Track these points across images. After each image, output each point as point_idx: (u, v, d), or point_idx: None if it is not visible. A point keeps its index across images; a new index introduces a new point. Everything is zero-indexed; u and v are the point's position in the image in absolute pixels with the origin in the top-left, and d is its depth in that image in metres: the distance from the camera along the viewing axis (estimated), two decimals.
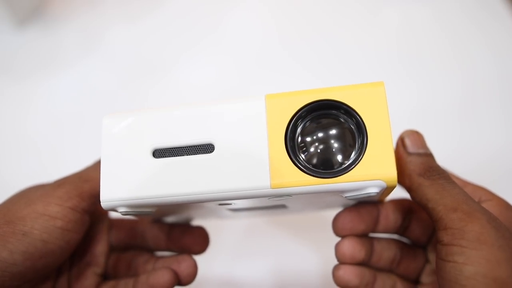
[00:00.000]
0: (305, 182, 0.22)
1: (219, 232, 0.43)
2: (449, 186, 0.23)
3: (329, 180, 0.22)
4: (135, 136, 0.24)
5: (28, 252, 0.24)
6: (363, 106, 0.22)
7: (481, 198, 0.26)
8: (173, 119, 0.24)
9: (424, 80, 0.51)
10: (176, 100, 0.52)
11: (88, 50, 0.56)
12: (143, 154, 0.24)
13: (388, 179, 0.21)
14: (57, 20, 0.58)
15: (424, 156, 0.25)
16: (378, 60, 0.52)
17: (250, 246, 0.43)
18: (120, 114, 0.25)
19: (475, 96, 0.49)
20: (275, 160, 0.22)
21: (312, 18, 0.56)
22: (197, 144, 0.23)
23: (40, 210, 0.25)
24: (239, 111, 0.23)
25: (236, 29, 0.56)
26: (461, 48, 0.52)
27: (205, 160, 0.23)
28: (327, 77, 0.51)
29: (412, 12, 0.55)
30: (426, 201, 0.23)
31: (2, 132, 0.51)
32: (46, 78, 0.54)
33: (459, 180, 0.28)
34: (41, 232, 0.24)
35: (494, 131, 0.47)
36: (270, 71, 0.53)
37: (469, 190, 0.26)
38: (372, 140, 0.22)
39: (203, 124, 0.23)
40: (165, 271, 0.27)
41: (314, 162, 0.22)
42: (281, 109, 0.23)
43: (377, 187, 0.21)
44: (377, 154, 0.21)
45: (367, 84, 0.23)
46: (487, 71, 0.50)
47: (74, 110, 0.52)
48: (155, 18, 0.57)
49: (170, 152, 0.24)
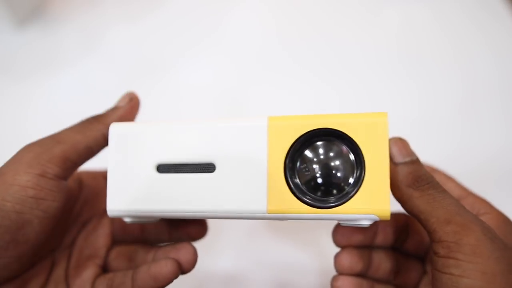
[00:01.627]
0: (300, 211, 0.22)
1: (223, 229, 0.42)
2: (440, 196, 0.23)
3: (324, 211, 0.22)
4: (141, 149, 0.25)
5: (3, 225, 0.23)
6: (364, 138, 0.22)
7: (480, 211, 0.26)
8: (178, 135, 0.24)
9: (424, 80, 0.50)
10: (176, 100, 0.52)
11: (88, 50, 0.56)
12: (148, 168, 0.25)
13: (381, 214, 0.21)
14: (57, 20, 0.58)
15: (411, 165, 0.24)
16: (378, 60, 0.52)
17: (254, 243, 0.43)
18: (128, 124, 0.26)
19: (475, 96, 0.49)
20: (273, 185, 0.22)
21: (312, 18, 0.56)
22: (199, 163, 0.24)
23: (9, 180, 0.24)
24: (241, 132, 0.23)
25: (236, 29, 0.56)
26: (461, 48, 0.52)
27: (206, 180, 0.23)
28: (327, 77, 0.51)
29: (413, 12, 0.55)
30: (419, 212, 0.23)
31: (2, 132, 0.51)
32: (46, 78, 0.54)
33: (461, 190, 0.28)
34: (14, 203, 0.23)
35: (494, 131, 0.47)
36: (270, 71, 0.52)
37: (469, 201, 0.27)
38: (369, 173, 0.22)
39: (206, 142, 0.24)
40: (168, 261, 0.26)
41: (312, 189, 0.23)
42: (283, 134, 0.23)
43: (370, 220, 0.22)
44: (372, 188, 0.22)
45: (371, 114, 0.23)
46: (487, 71, 0.50)
47: (74, 110, 0.52)
48: (155, 18, 0.57)
49: (173, 168, 0.24)
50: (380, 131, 0.22)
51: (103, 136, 0.27)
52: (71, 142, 0.26)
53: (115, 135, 0.25)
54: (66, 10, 0.58)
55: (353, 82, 0.51)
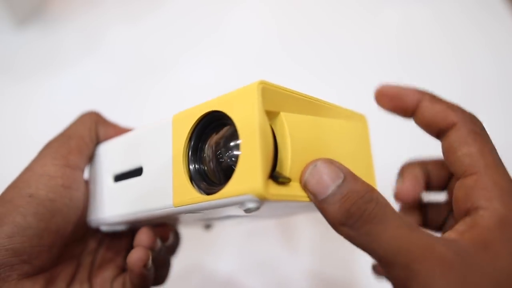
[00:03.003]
0: (194, 200, 0.21)
1: (224, 229, 0.43)
2: (376, 230, 0.19)
3: (209, 197, 0.20)
4: (106, 162, 0.28)
5: (39, 213, 0.24)
6: (240, 115, 0.20)
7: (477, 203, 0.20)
8: (123, 146, 0.27)
9: (424, 80, 0.51)
10: (176, 100, 0.52)
11: (88, 50, 0.56)
12: (109, 179, 0.27)
13: (255, 192, 0.18)
14: (57, 20, 0.58)
15: (333, 197, 0.19)
16: (377, 60, 0.52)
17: (254, 246, 0.43)
18: (106, 142, 0.29)
19: (474, 96, 0.49)
20: (177, 179, 0.22)
21: (312, 19, 0.56)
22: (134, 168, 0.26)
23: (39, 171, 0.25)
24: (154, 134, 0.24)
25: (236, 29, 0.56)
26: (461, 48, 0.52)
27: (138, 182, 0.25)
28: (328, 77, 0.51)
29: (412, 12, 0.55)
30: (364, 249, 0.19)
31: (2, 132, 0.51)
32: (46, 78, 0.54)
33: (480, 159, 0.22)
34: (47, 191, 0.25)
35: (494, 131, 0.47)
36: (270, 72, 0.53)
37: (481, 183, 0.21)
38: (244, 151, 0.19)
39: (136, 149, 0.26)
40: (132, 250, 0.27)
41: (207, 176, 0.22)
42: (182, 127, 0.23)
43: (252, 201, 0.19)
44: (247, 166, 0.19)
45: (244, 87, 0.20)
46: (486, 71, 0.50)
47: (74, 110, 0.52)
48: (155, 18, 0.57)
49: (122, 176, 0.26)
50: (250, 104, 0.19)
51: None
52: (80, 135, 0.28)
53: (96, 152, 0.29)
54: (66, 10, 0.58)
55: (353, 82, 0.51)
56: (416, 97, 0.25)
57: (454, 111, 0.23)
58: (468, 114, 0.23)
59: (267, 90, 0.19)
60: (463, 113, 0.23)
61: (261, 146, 0.18)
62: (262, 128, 0.19)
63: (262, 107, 0.19)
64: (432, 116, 0.23)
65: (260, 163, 0.18)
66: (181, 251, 0.33)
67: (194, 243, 0.37)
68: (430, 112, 0.24)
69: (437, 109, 0.23)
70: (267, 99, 0.19)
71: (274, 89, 0.20)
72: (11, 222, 0.23)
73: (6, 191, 0.25)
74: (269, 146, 0.19)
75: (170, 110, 0.53)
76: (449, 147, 0.22)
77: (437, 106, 0.24)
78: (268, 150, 0.19)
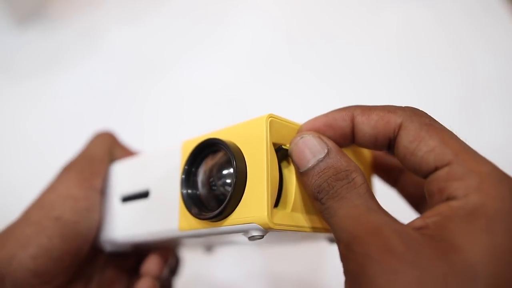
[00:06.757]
0: (200, 225, 0.21)
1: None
2: (335, 206, 0.19)
3: (215, 224, 0.21)
4: (115, 183, 0.28)
5: (64, 235, 0.24)
6: (246, 145, 0.20)
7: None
8: (132, 168, 0.27)
9: (423, 80, 0.51)
10: (176, 100, 0.52)
11: (89, 51, 0.56)
12: (117, 200, 0.27)
13: (259, 221, 0.19)
14: (58, 20, 0.58)
15: (315, 171, 0.19)
16: (378, 61, 0.52)
17: (255, 252, 0.43)
18: (117, 163, 0.29)
19: (474, 96, 0.49)
20: (183, 204, 0.22)
21: (312, 19, 0.56)
22: (141, 191, 0.26)
23: (64, 193, 0.26)
24: (164, 158, 0.25)
25: (236, 29, 0.56)
26: (461, 49, 0.52)
27: (145, 204, 0.25)
28: (327, 77, 0.52)
29: (412, 13, 0.55)
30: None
31: (2, 132, 0.51)
32: (46, 78, 0.54)
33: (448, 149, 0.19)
34: (71, 214, 0.25)
35: (493, 131, 0.47)
36: (271, 71, 0.53)
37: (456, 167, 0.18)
38: (251, 181, 0.20)
39: (145, 171, 0.26)
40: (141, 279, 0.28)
41: (208, 206, 0.22)
42: (187, 153, 0.23)
43: (257, 230, 0.19)
44: (253, 196, 0.20)
45: (252, 120, 0.21)
46: (487, 71, 0.50)
47: (74, 110, 0.52)
48: (155, 19, 0.57)
49: (130, 197, 0.27)
50: (258, 136, 0.20)
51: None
52: (99, 157, 0.28)
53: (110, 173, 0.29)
54: (67, 10, 0.58)
55: (353, 82, 0.51)
56: (346, 116, 0.21)
57: (393, 112, 0.20)
58: (409, 108, 0.20)
59: (274, 123, 0.20)
60: (403, 110, 0.20)
61: (267, 177, 0.19)
62: (270, 160, 0.20)
63: (270, 140, 0.20)
64: (372, 128, 0.20)
65: (266, 193, 0.19)
66: (182, 253, 0.33)
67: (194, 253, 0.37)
68: (369, 124, 0.20)
69: (374, 118, 0.20)
70: (274, 132, 0.20)
71: (281, 122, 0.21)
72: (37, 244, 0.24)
73: (31, 212, 0.25)
74: (275, 177, 0.20)
75: (171, 110, 0.53)
76: (405, 152, 0.19)
77: (373, 115, 0.20)
78: (274, 181, 0.20)
